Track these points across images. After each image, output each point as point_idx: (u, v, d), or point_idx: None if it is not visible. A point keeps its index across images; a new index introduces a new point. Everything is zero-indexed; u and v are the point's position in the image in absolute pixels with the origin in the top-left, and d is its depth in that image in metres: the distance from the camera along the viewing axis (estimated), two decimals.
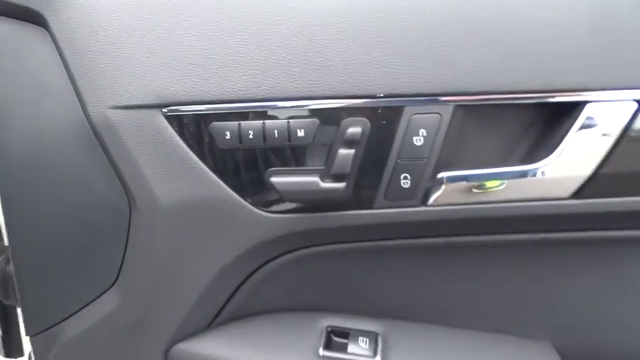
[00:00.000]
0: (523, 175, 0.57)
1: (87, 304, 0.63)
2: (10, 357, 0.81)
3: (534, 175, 0.56)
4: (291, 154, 0.55)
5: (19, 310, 0.79)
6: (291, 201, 0.57)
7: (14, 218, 0.58)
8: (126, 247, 0.61)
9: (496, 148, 0.59)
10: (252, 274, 0.65)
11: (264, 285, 0.66)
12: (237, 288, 0.65)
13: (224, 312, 0.66)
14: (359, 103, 0.53)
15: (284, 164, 0.55)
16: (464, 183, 0.57)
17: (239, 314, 0.68)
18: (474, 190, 0.57)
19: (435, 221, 0.58)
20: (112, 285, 0.63)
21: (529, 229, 0.62)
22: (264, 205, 0.58)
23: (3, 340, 0.80)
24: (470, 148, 0.58)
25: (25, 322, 0.62)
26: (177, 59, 0.53)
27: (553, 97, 0.54)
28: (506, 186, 0.57)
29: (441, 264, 0.67)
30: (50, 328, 0.63)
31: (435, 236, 0.63)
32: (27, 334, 0.64)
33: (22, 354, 0.82)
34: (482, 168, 0.57)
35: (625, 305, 0.68)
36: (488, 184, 0.57)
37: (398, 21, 0.54)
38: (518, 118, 0.58)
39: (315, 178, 0.55)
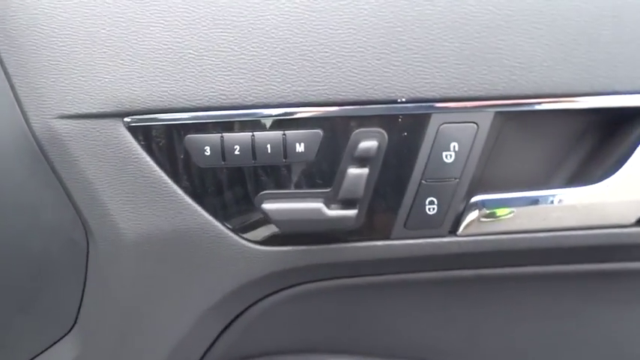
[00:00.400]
0: (578, 198, 0.47)
1: (38, 355, 0.54)
2: None
3: (592, 198, 0.47)
4: (287, 175, 0.46)
5: None
6: (289, 232, 0.47)
7: None
8: (84, 287, 0.51)
9: (545, 166, 0.49)
10: (240, 314, 0.55)
11: (255, 325, 0.57)
12: (222, 331, 0.56)
13: (207, 358, 0.55)
14: (374, 110, 0.44)
15: (279, 187, 0.47)
16: (504, 208, 0.47)
17: (225, 359, 0.57)
18: (517, 217, 0.47)
19: (466, 254, 0.49)
20: (69, 331, 0.54)
21: (579, 260, 0.52)
22: (255, 236, 0.48)
23: None
24: (512, 165, 0.49)
25: None
26: (142, 56, 0.44)
27: (619, 100, 0.44)
28: (556, 211, 0.47)
29: (468, 299, 0.57)
30: None
31: (462, 268, 0.53)
32: None
33: None
34: (526, 190, 0.48)
35: None
36: (534, 209, 0.47)
37: (424, 5, 0.43)
38: (574, 128, 0.48)
39: (319, 205, 0.46)
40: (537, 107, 0.44)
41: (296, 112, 0.44)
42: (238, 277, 0.50)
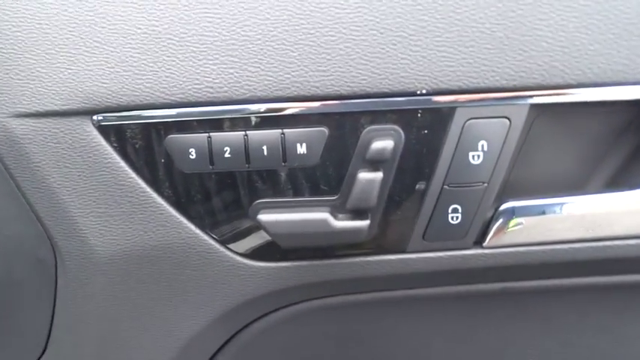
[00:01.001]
0: (621, 204, 0.42)
1: None
2: None
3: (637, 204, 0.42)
4: (287, 180, 0.41)
5: None
6: (290, 247, 0.42)
7: None
8: (54, 311, 0.46)
9: (584, 167, 0.44)
10: (233, 336, 0.50)
11: (250, 347, 0.52)
12: (214, 355, 0.51)
13: None
14: (388, 104, 0.39)
15: (277, 194, 0.41)
16: (538, 216, 0.42)
17: None
18: (551, 226, 0.42)
19: (494, 267, 0.43)
20: (40, 357, 0.48)
21: (618, 271, 0.47)
22: (250, 251, 0.43)
23: None
24: (547, 167, 0.43)
25: None
26: (113, 42, 0.39)
27: None
28: (596, 219, 0.42)
29: (497, 315, 0.53)
30: None
31: (486, 282, 0.48)
32: None
33: None
34: (562, 195, 0.42)
35: None
36: (572, 216, 0.42)
37: None
38: (619, 123, 0.42)
39: (325, 215, 0.40)
40: (580, 99, 0.38)
41: (296, 108, 0.39)
42: (231, 297, 0.45)
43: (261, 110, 0.39)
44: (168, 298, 0.44)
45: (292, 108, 0.39)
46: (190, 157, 0.40)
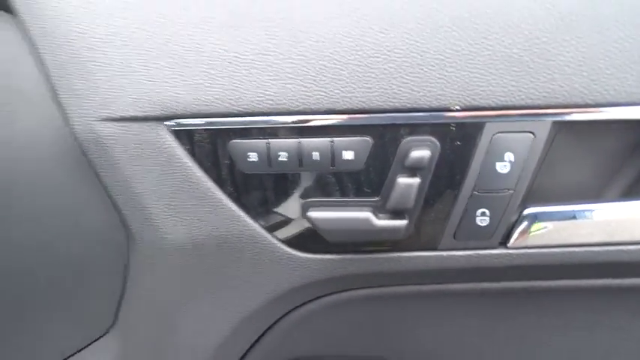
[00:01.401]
0: (635, 212, 0.45)
1: (73, 354, 0.52)
2: None
3: None
4: (335, 183, 0.45)
5: None
6: (336, 242, 0.46)
7: None
8: (124, 288, 0.51)
9: (603, 178, 0.47)
10: (280, 319, 0.54)
11: (295, 330, 0.56)
12: (261, 335, 0.55)
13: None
14: (426, 118, 0.42)
15: (326, 195, 0.45)
16: (559, 221, 0.45)
17: None
18: (571, 230, 0.45)
19: (517, 266, 0.47)
20: (108, 330, 0.53)
21: (634, 274, 0.50)
22: (300, 244, 0.47)
23: None
24: (568, 176, 0.47)
25: None
26: (186, 59, 0.42)
27: None
28: (612, 224, 0.45)
29: (518, 311, 0.55)
30: None
31: (510, 280, 0.51)
32: None
33: None
34: (583, 202, 0.46)
35: None
36: (590, 222, 0.45)
37: (480, 9, 0.41)
38: (635, 138, 0.46)
39: (368, 214, 0.44)
40: (598, 117, 0.42)
41: (345, 119, 0.42)
42: (281, 284, 0.48)
43: (314, 120, 0.42)
44: (226, 283, 0.48)
45: (341, 119, 0.42)
46: (251, 159, 0.43)
